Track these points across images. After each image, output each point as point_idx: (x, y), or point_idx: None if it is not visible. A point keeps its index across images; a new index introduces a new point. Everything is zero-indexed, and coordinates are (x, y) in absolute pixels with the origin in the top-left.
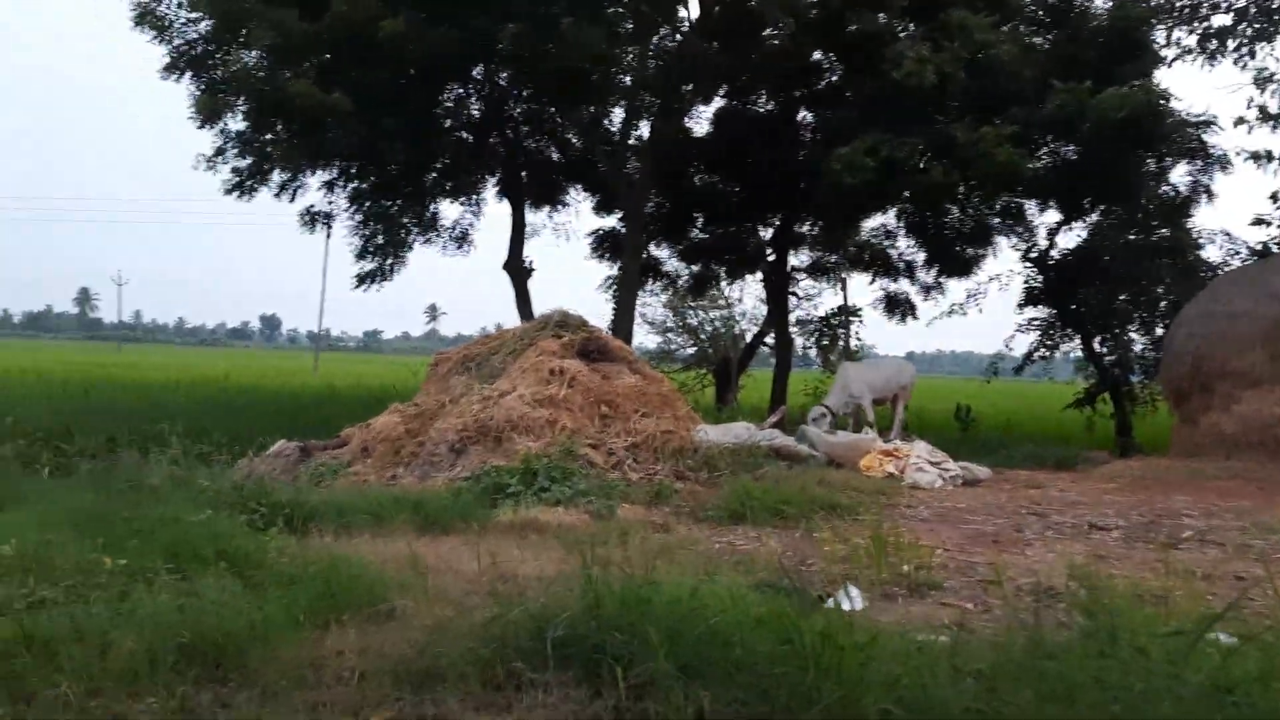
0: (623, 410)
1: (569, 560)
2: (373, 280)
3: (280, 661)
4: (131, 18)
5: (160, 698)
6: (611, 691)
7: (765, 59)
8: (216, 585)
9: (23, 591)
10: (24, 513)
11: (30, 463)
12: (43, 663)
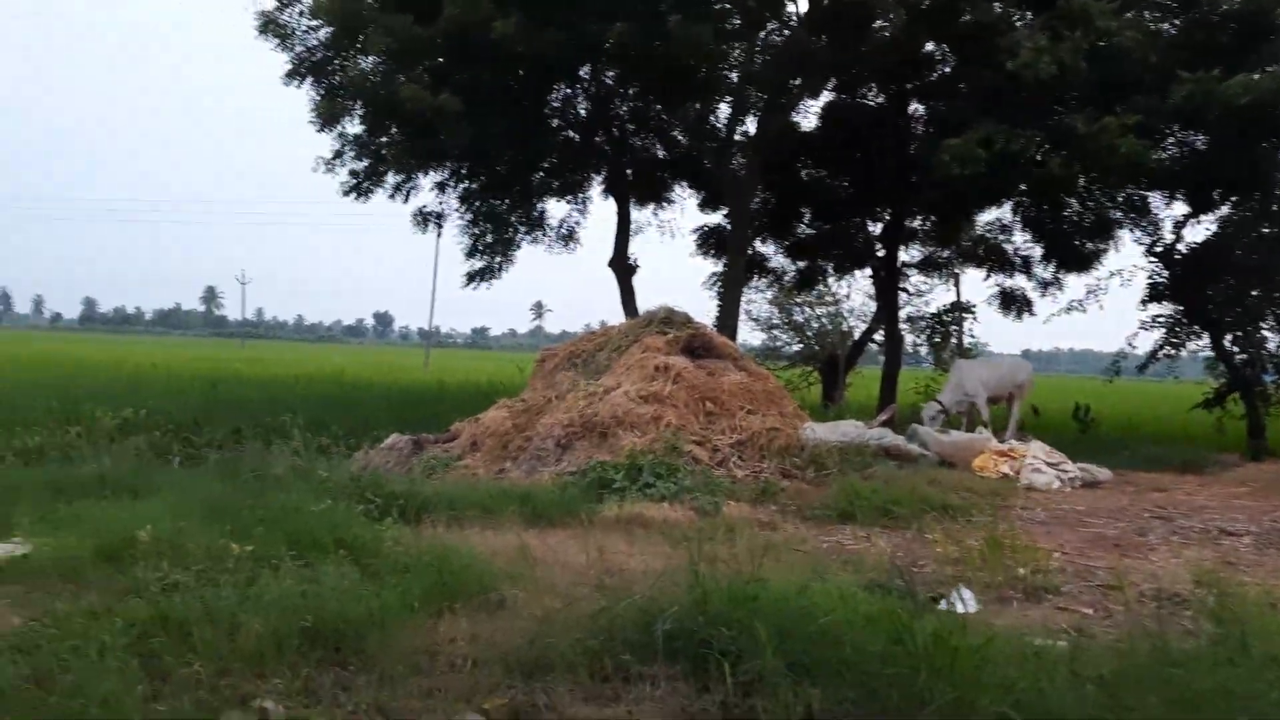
0: (728, 407)
1: (674, 556)
2: (482, 278)
3: (397, 647)
4: (256, 26)
5: (285, 679)
6: (719, 687)
7: (875, 52)
8: (336, 572)
9: (158, 575)
10: (158, 501)
11: (162, 453)
12: (177, 642)
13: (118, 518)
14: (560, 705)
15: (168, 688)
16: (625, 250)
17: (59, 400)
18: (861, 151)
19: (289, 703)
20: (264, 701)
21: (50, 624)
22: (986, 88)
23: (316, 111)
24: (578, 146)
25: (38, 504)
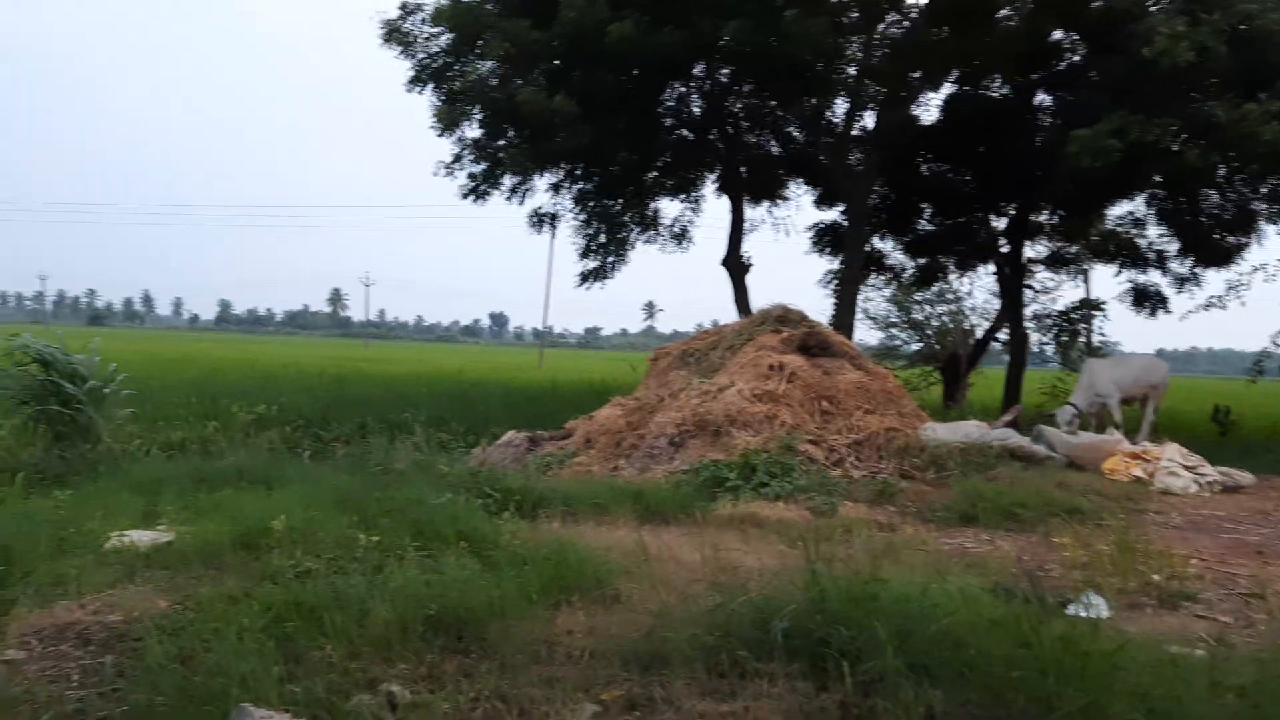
0: (844, 406)
1: (789, 555)
2: (595, 278)
3: (516, 637)
4: (380, 35)
5: (411, 664)
6: (838, 686)
7: (999, 42)
8: (457, 563)
9: (291, 562)
10: (290, 492)
11: (293, 447)
12: (310, 627)
13: (253, 507)
14: (677, 699)
15: (301, 669)
16: (738, 248)
17: (198, 396)
18: (985, 145)
19: (414, 687)
20: (391, 685)
21: (193, 607)
22: (1119, 76)
23: (437, 117)
24: (691, 145)
25: (180, 494)
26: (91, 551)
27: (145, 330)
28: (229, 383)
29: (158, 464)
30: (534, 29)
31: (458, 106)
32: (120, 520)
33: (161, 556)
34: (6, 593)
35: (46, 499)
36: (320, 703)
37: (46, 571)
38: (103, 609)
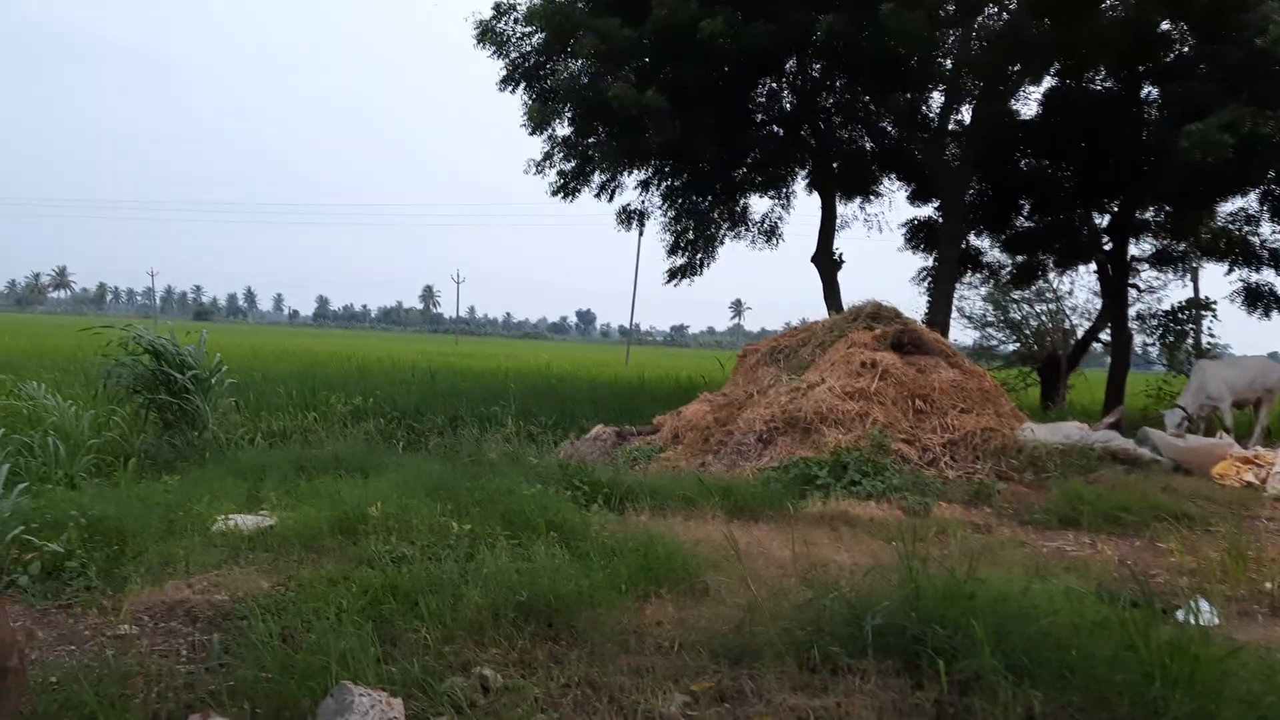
0: (939, 405)
1: (882, 553)
2: (683, 275)
3: (605, 626)
4: (474, 35)
5: (502, 649)
6: (933, 684)
7: (1103, 33)
8: (547, 552)
9: (387, 548)
10: (385, 480)
11: (388, 437)
12: (405, 610)
13: (351, 494)
14: (767, 692)
15: (397, 650)
16: (830, 245)
17: (298, 388)
18: (1087, 139)
19: (506, 671)
20: (484, 669)
21: (295, 588)
22: (1230, 67)
23: (528, 115)
24: (782, 140)
25: (282, 480)
26: (199, 534)
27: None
28: (327, 376)
29: (260, 452)
30: (625, 26)
31: (549, 105)
32: (225, 504)
33: (264, 539)
34: (120, 571)
35: (157, 483)
36: (416, 683)
37: (157, 552)
38: (209, 588)
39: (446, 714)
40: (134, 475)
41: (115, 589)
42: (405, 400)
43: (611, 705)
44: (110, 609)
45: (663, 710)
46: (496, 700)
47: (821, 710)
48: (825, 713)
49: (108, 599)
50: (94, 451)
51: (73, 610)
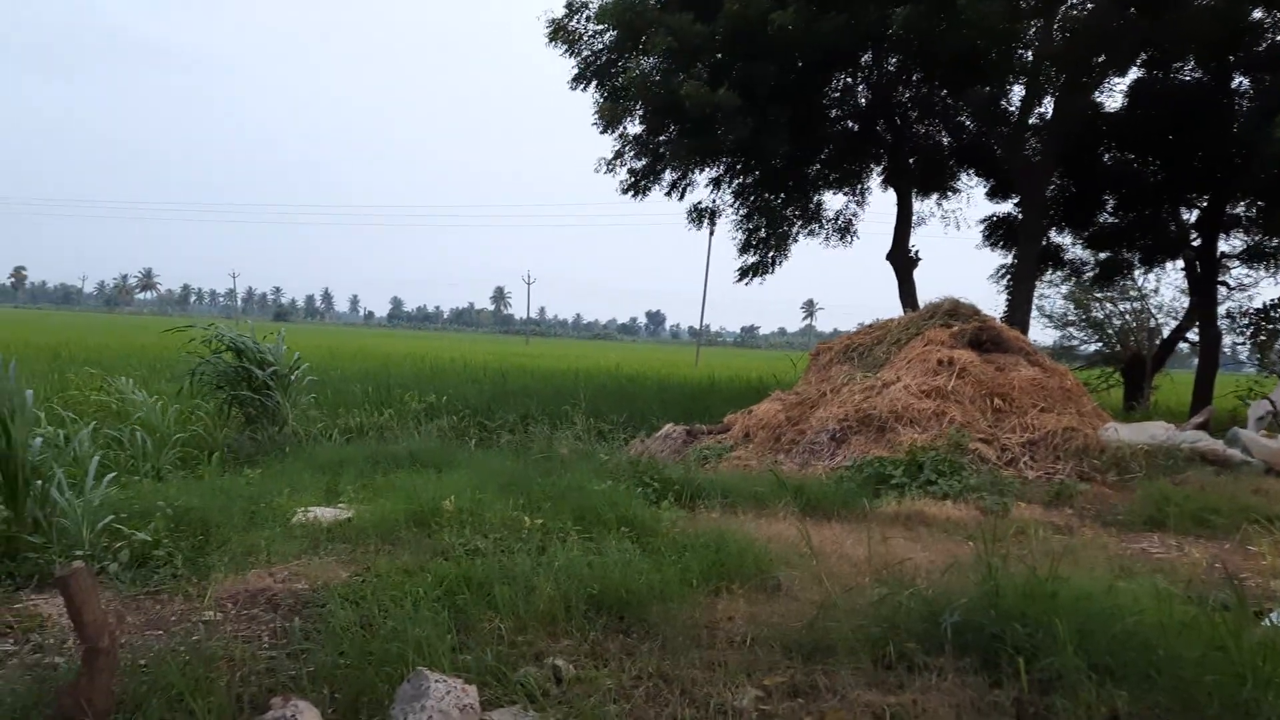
0: (1018, 404)
1: (958, 552)
2: (755, 273)
3: (677, 620)
4: (546, 34)
5: (574, 640)
6: (1013, 683)
7: (1192, 23)
8: (618, 547)
9: (460, 540)
10: (458, 475)
11: (461, 434)
12: (478, 600)
13: (425, 488)
14: (841, 688)
15: (472, 639)
16: (905, 242)
17: (373, 386)
18: (1175, 132)
19: (579, 662)
20: (556, 659)
21: (372, 578)
22: None
23: (599, 113)
24: (856, 136)
25: (358, 474)
26: (279, 525)
27: (325, 325)
28: (401, 374)
29: (338, 447)
30: (696, 22)
31: (620, 103)
32: (305, 497)
33: (342, 531)
34: (205, 560)
35: (239, 476)
36: (490, 671)
37: (240, 542)
38: (290, 577)
39: (520, 702)
40: (217, 468)
41: (200, 577)
42: (477, 399)
43: (684, 698)
44: (195, 596)
45: (735, 704)
46: (569, 690)
47: (897, 707)
48: (901, 709)
49: (193, 586)
50: (179, 445)
51: (160, 597)
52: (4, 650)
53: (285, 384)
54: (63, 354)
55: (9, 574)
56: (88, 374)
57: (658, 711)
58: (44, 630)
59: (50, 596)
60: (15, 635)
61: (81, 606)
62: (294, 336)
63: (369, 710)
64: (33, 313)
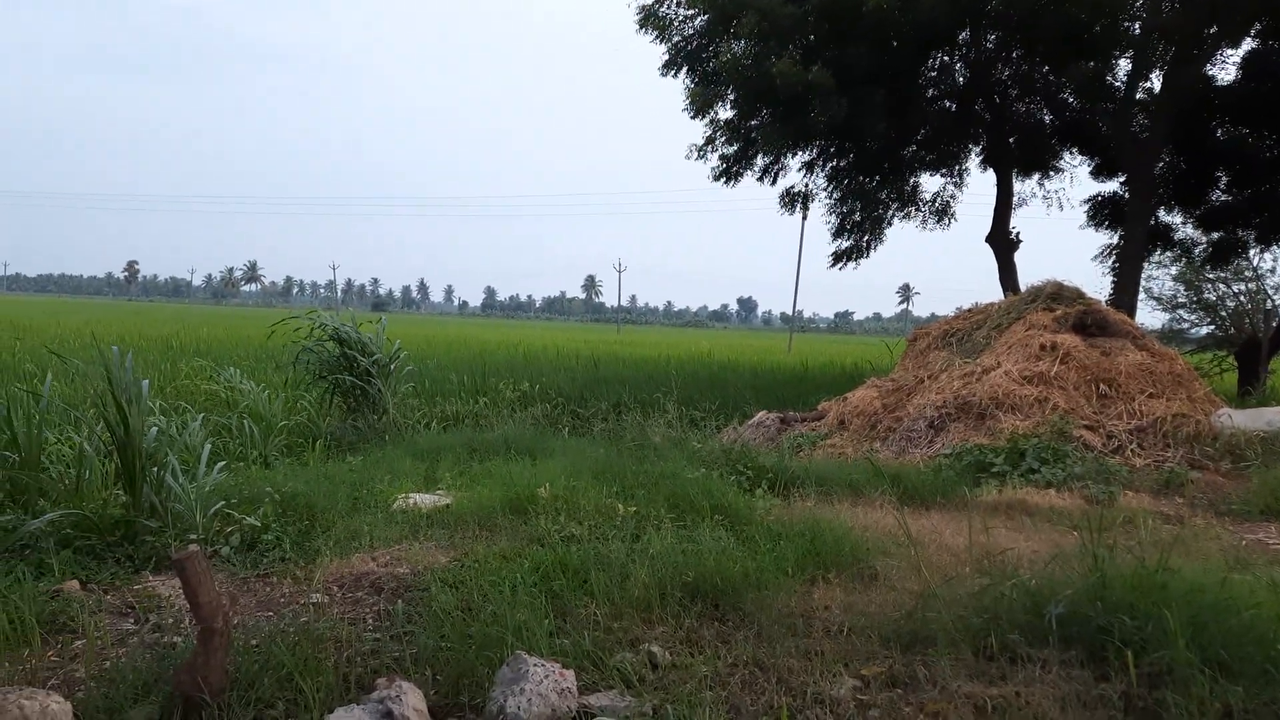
0: (1125, 390)
1: (1063, 542)
2: (849, 258)
3: (772, 608)
4: (636, 21)
5: (669, 627)
6: (1121, 676)
7: None
8: (712, 535)
9: (556, 527)
10: (553, 463)
11: (554, 422)
12: (575, 586)
13: (521, 476)
14: (941, 678)
15: (568, 624)
16: (1005, 224)
17: (469, 375)
18: None
19: (674, 649)
20: (652, 646)
21: (471, 563)
22: None
23: (690, 99)
24: (954, 116)
25: (456, 461)
26: (381, 510)
27: (421, 315)
28: (495, 363)
29: (435, 435)
30: (788, 4)
31: (711, 88)
32: (404, 483)
33: (441, 517)
34: (311, 544)
35: (342, 463)
36: (586, 656)
37: (344, 527)
38: (392, 561)
39: (616, 687)
40: (321, 455)
41: (307, 560)
42: (570, 387)
43: (780, 686)
44: (303, 579)
45: (832, 693)
46: (665, 676)
47: (1000, 699)
48: (1004, 701)
49: (300, 569)
50: (285, 433)
51: (269, 579)
52: (126, 629)
53: (385, 372)
54: (174, 345)
55: (129, 556)
56: (198, 365)
57: (754, 699)
58: (162, 610)
59: (167, 578)
60: (136, 615)
61: (197, 588)
62: (392, 326)
63: (470, 692)
64: (145, 305)
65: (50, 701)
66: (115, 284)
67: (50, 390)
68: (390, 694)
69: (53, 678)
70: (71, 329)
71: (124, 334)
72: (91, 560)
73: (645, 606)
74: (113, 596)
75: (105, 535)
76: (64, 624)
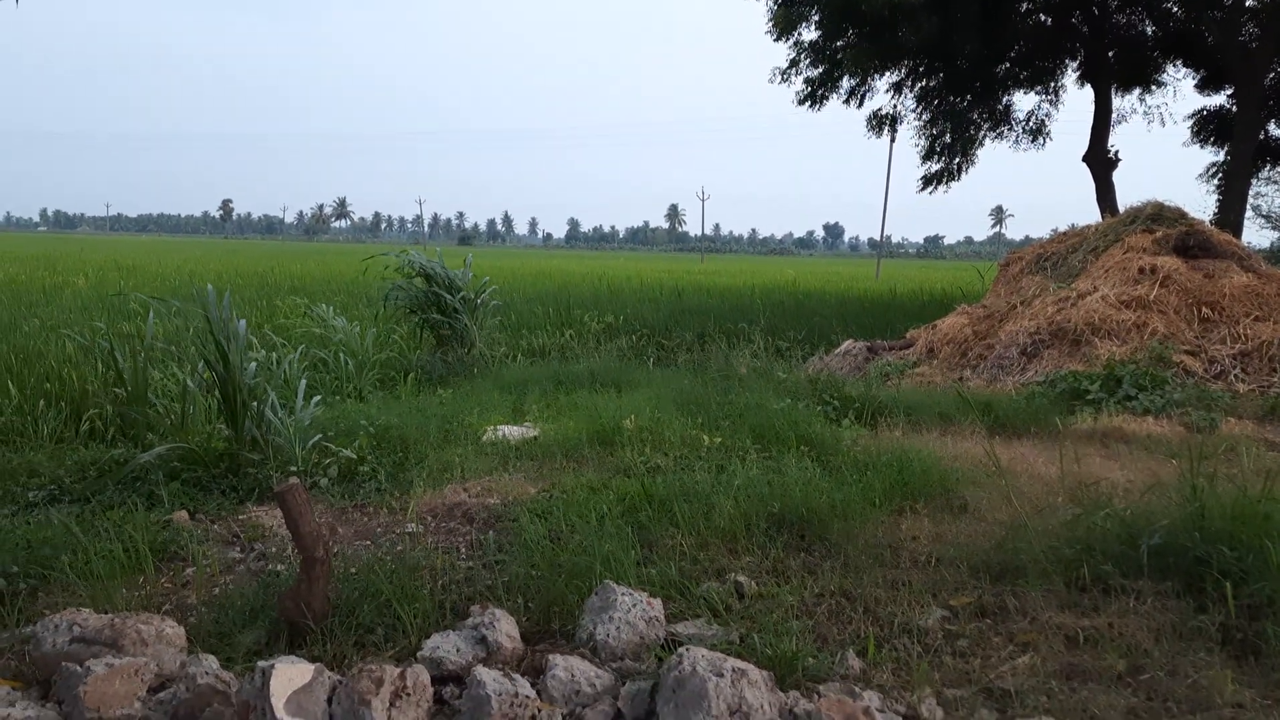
0: (1229, 313)
1: (1160, 471)
2: (939, 181)
3: (859, 539)
4: None
5: (755, 557)
6: (1219, 608)
7: None
8: (798, 465)
9: (641, 458)
10: (638, 394)
11: (639, 354)
12: (660, 517)
13: (606, 408)
14: (1031, 609)
15: (655, 555)
16: (1104, 142)
17: (554, 308)
18: None
19: (760, 579)
20: (738, 575)
21: (559, 494)
22: None
23: (773, 21)
24: (1050, 30)
25: (542, 394)
26: (471, 443)
27: (505, 248)
28: (580, 295)
29: (522, 367)
30: None
31: (795, 8)
32: (493, 416)
33: (529, 449)
34: (405, 475)
35: (432, 396)
36: (673, 585)
37: (436, 458)
38: (483, 492)
39: (704, 616)
40: (413, 389)
41: (401, 491)
42: (654, 318)
43: (867, 616)
44: (398, 509)
45: (920, 623)
46: (751, 605)
47: (1092, 630)
48: (1096, 633)
49: (395, 500)
50: (377, 366)
51: (366, 509)
52: (232, 557)
53: (472, 307)
54: (269, 281)
55: (233, 488)
56: (293, 302)
57: (840, 629)
58: (266, 539)
59: (270, 508)
60: (241, 544)
61: (298, 519)
62: (478, 260)
63: (560, 619)
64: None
65: (165, 626)
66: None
67: (153, 329)
68: (484, 620)
69: (166, 603)
70: (172, 267)
71: (221, 272)
72: (198, 491)
73: (731, 537)
74: (219, 526)
75: (210, 468)
76: (175, 552)
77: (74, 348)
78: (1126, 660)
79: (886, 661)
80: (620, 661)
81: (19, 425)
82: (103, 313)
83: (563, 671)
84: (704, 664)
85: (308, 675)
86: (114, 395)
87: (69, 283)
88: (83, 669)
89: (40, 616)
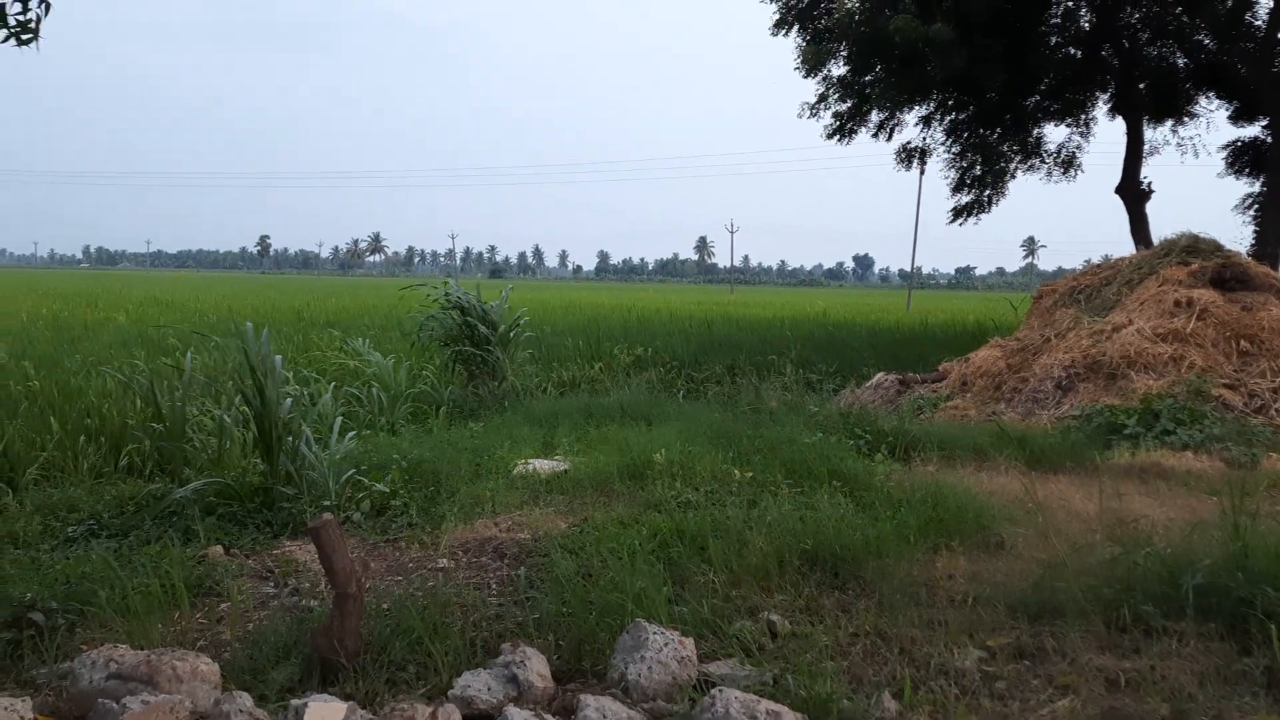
0: (1269, 346)
1: (1201, 508)
2: (970, 213)
3: (894, 577)
4: None
5: (789, 595)
6: (1263, 650)
7: None
8: (830, 501)
9: (672, 493)
10: (668, 428)
11: (669, 386)
12: (692, 553)
13: (636, 441)
14: (1071, 651)
15: (686, 592)
16: (1136, 173)
17: (584, 340)
18: None
19: (793, 618)
20: (771, 614)
21: (590, 529)
22: None
23: (803, 57)
24: (1080, 63)
25: (573, 427)
26: (502, 476)
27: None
28: (610, 327)
29: (552, 400)
30: None
31: (824, 45)
32: (524, 450)
33: (559, 483)
34: (436, 510)
35: (463, 430)
36: (705, 624)
37: (467, 492)
38: (513, 527)
39: (736, 656)
40: (444, 422)
41: (433, 525)
42: (684, 350)
43: (902, 656)
44: (429, 544)
45: (957, 664)
46: (785, 645)
47: (1134, 672)
48: (1138, 675)
49: (427, 534)
50: (409, 400)
51: (398, 544)
52: (266, 592)
53: (505, 340)
54: (305, 316)
55: (267, 522)
56: (328, 336)
57: (876, 669)
58: (299, 574)
59: (303, 543)
60: (275, 579)
61: (331, 555)
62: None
63: (591, 658)
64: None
65: (200, 663)
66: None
67: (191, 365)
68: (515, 659)
69: (200, 639)
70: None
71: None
72: (233, 526)
73: (764, 574)
74: (254, 561)
75: (245, 502)
76: (209, 587)
77: (114, 383)
78: (1170, 704)
79: (923, 704)
80: (652, 702)
81: (60, 460)
82: (142, 348)
83: (594, 712)
84: (737, 706)
85: (340, 714)
86: (152, 430)
87: (110, 318)
88: (119, 706)
89: (78, 652)
